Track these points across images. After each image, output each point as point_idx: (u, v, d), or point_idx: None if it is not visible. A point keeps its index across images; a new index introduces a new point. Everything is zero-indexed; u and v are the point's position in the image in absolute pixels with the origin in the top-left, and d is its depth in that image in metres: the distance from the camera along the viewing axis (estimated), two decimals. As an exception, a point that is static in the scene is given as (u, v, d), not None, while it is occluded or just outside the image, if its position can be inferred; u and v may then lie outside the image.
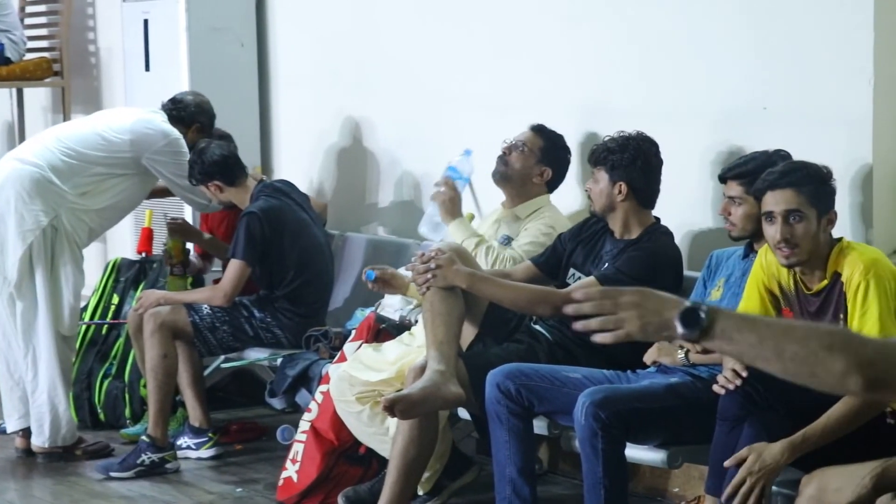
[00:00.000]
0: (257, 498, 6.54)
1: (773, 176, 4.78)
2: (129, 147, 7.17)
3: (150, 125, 7.24)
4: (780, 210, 4.72)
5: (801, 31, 5.85)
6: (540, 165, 6.41)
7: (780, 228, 4.70)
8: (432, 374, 5.49)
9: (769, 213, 4.75)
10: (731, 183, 5.38)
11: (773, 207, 4.74)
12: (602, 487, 5.06)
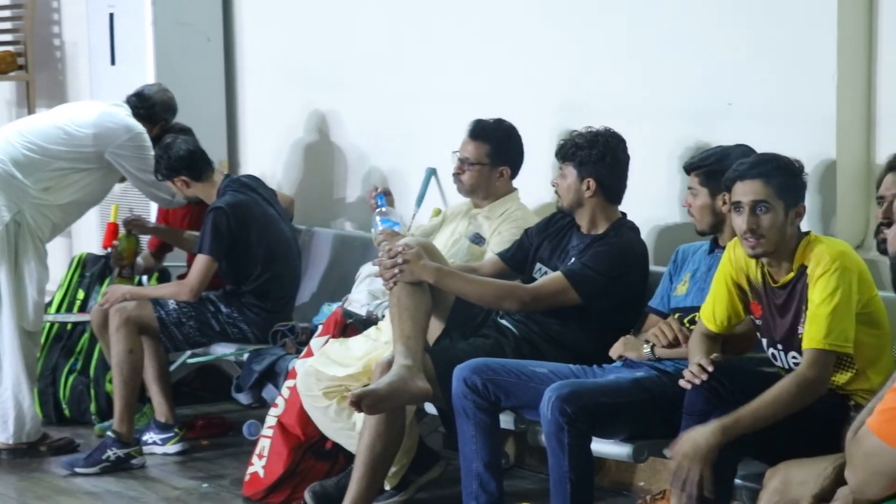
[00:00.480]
0: (224, 493, 6.54)
1: (743, 166, 4.80)
2: (92, 141, 7.15)
3: (113, 119, 7.23)
4: (748, 200, 4.74)
5: (766, 29, 5.88)
6: (495, 169, 6.43)
7: (746, 218, 4.72)
8: (399, 370, 5.50)
9: (737, 202, 4.76)
10: (692, 175, 5.43)
11: (742, 197, 4.75)
12: (568, 481, 5.07)
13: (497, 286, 5.75)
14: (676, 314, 5.43)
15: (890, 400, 3.14)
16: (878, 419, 3.14)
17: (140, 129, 7.23)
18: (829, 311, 4.61)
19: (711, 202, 5.32)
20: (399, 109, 7.58)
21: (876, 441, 3.14)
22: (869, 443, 3.17)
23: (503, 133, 6.43)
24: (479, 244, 6.34)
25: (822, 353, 4.62)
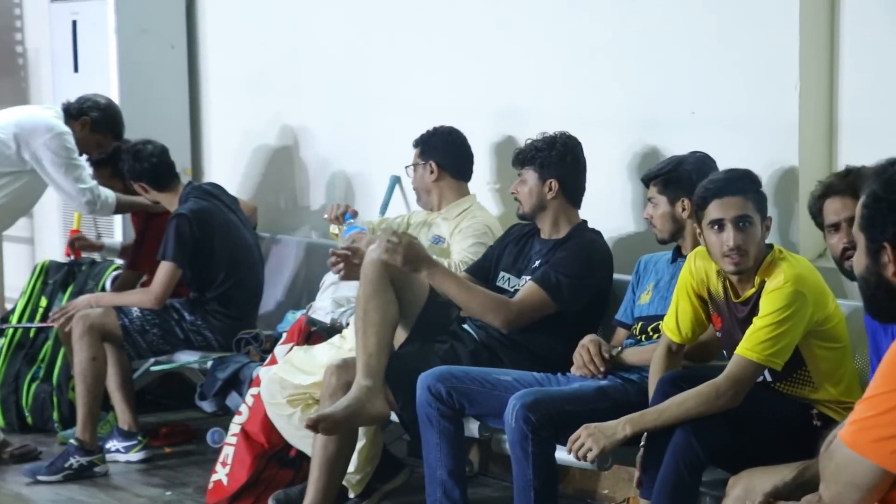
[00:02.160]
0: (187, 501, 6.54)
1: (717, 184, 4.80)
2: (13, 141, 7.10)
3: (35, 118, 7.17)
4: (731, 216, 4.73)
5: (729, 38, 5.91)
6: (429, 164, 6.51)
7: (732, 235, 4.71)
8: (358, 391, 5.51)
9: (718, 220, 4.75)
10: (651, 185, 5.46)
11: (723, 214, 4.74)
12: (532, 489, 5.09)
13: (485, 297, 5.75)
14: (640, 323, 5.46)
15: (860, 411, 3.15)
16: (849, 430, 3.15)
17: (62, 129, 7.13)
18: (770, 327, 4.65)
19: (671, 210, 5.36)
20: (362, 118, 7.60)
21: (848, 452, 3.14)
22: (841, 455, 3.17)
23: (439, 138, 6.52)
24: (439, 244, 6.34)
25: (749, 363, 4.66)
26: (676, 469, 4.67)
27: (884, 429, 3.09)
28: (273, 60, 8.14)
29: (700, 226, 4.83)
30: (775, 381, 4.81)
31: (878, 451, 3.11)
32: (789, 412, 4.75)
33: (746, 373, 4.70)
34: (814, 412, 4.76)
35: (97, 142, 7.41)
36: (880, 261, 3.21)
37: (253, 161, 8.28)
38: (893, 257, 3.19)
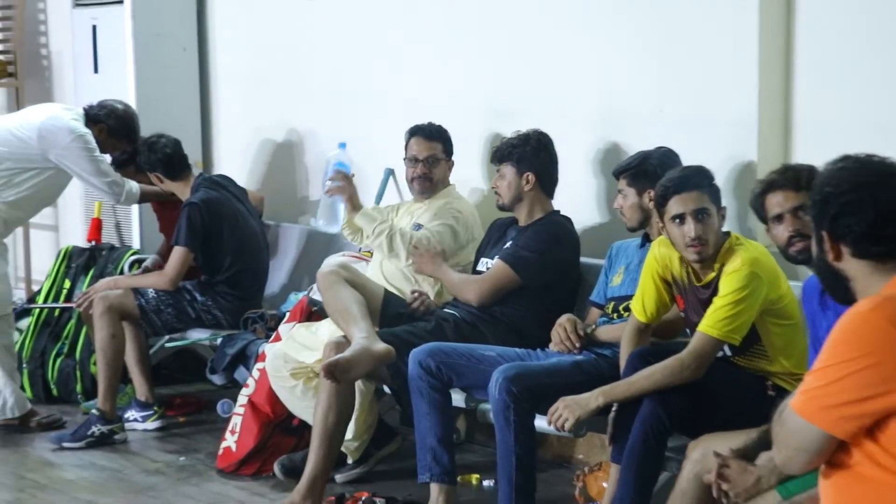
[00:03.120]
0: (199, 466, 6.55)
1: (675, 181, 4.83)
2: (37, 143, 7.09)
3: (57, 122, 7.14)
4: (691, 210, 4.76)
5: (693, 41, 5.91)
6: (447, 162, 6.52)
7: (693, 227, 4.75)
8: (359, 341, 5.57)
9: (679, 214, 4.77)
10: (620, 178, 5.49)
11: (683, 209, 4.77)
12: (514, 455, 5.13)
13: (459, 278, 5.93)
14: (612, 303, 5.49)
15: (809, 382, 3.18)
16: (799, 399, 3.18)
17: (83, 131, 7.13)
18: (729, 306, 4.69)
19: (639, 200, 5.39)
20: (360, 115, 7.59)
21: (798, 420, 3.17)
22: (792, 422, 3.20)
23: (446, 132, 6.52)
24: (418, 230, 6.35)
25: (710, 339, 4.71)
26: (644, 436, 4.71)
27: (830, 398, 3.12)
28: (278, 62, 8.14)
29: (662, 220, 4.86)
30: (734, 356, 4.84)
31: (826, 418, 3.14)
32: (746, 384, 4.79)
33: (708, 348, 4.74)
34: (768, 383, 4.79)
35: (113, 145, 7.40)
36: (823, 248, 3.26)
37: (259, 155, 8.27)
38: (831, 245, 3.24)
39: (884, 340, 3.06)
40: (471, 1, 6.92)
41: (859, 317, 3.12)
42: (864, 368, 3.07)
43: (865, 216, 3.17)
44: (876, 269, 3.20)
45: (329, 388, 5.63)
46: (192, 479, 6.37)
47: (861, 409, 3.09)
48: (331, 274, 5.94)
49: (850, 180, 3.20)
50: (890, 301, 3.11)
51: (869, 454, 3.12)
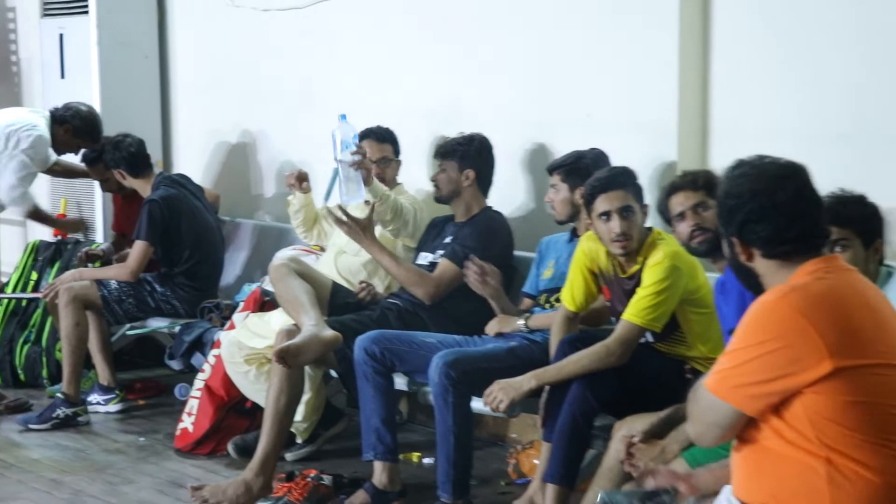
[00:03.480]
0: (158, 446, 6.52)
1: (601, 181, 4.85)
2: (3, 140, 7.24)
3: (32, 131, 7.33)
4: (616, 208, 4.79)
5: (618, 52, 5.94)
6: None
7: (618, 223, 4.77)
8: (308, 328, 5.56)
9: (605, 212, 4.80)
10: (554, 174, 5.49)
11: (609, 206, 4.80)
12: (452, 434, 5.14)
13: (410, 272, 5.85)
14: (544, 294, 5.51)
15: (722, 363, 3.22)
16: (713, 379, 3.22)
17: (45, 140, 7.35)
18: (651, 296, 4.73)
19: (570, 196, 5.40)
20: (309, 118, 7.57)
21: (711, 398, 3.21)
22: (705, 399, 3.24)
23: (395, 135, 6.50)
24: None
25: (634, 326, 4.75)
26: (573, 416, 4.74)
27: (741, 378, 3.16)
28: (233, 69, 8.11)
29: (590, 216, 4.89)
30: (655, 342, 4.87)
31: (736, 396, 3.18)
32: (667, 368, 4.82)
33: (632, 335, 4.77)
34: (687, 367, 4.82)
35: (78, 144, 7.49)
36: (735, 251, 3.31)
37: (215, 155, 8.24)
38: (741, 248, 3.30)
39: (790, 326, 3.10)
40: (413, 14, 6.93)
41: (768, 305, 3.17)
42: (771, 351, 3.11)
43: (770, 222, 3.22)
44: (783, 265, 3.26)
45: (280, 372, 5.62)
46: (152, 458, 6.34)
47: (768, 389, 3.13)
48: (282, 266, 5.93)
49: (751, 189, 3.25)
50: (795, 291, 3.16)
51: (775, 429, 3.17)
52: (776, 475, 3.18)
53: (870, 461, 3.11)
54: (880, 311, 3.23)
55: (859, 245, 4.06)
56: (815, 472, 3.12)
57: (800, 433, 3.13)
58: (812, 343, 3.08)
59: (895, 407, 3.13)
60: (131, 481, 5.97)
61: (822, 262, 3.24)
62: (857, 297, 3.20)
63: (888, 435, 3.12)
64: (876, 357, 3.12)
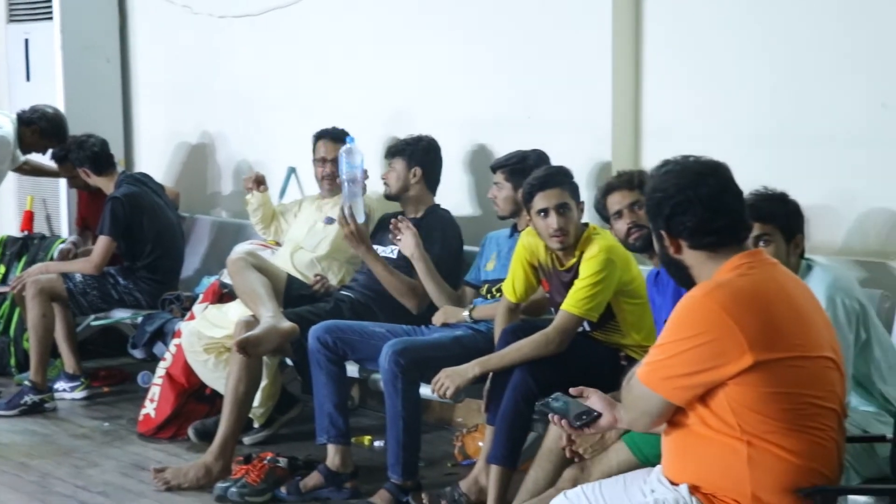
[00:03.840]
0: (121, 431, 6.49)
1: (539, 180, 4.85)
2: None
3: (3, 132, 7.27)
4: (553, 205, 4.79)
5: (557, 58, 5.96)
6: None
7: (556, 220, 4.78)
8: (267, 319, 5.55)
9: (543, 209, 4.80)
10: (498, 172, 5.50)
11: (547, 204, 4.80)
12: (401, 419, 5.14)
13: (401, 282, 5.72)
14: (486, 285, 5.53)
15: (653, 355, 3.24)
16: (644, 370, 3.24)
17: (10, 141, 7.28)
18: (588, 287, 4.74)
19: (513, 194, 5.40)
20: (264, 120, 7.57)
21: (643, 388, 3.24)
22: (638, 389, 3.26)
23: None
24: (330, 224, 6.33)
25: (572, 316, 4.76)
26: (515, 401, 4.76)
27: (670, 370, 3.19)
28: (192, 72, 8.08)
29: (529, 214, 4.90)
30: (592, 331, 4.90)
31: (666, 387, 3.20)
32: (603, 355, 4.85)
33: (570, 324, 4.78)
34: (622, 354, 4.86)
35: (45, 144, 7.44)
36: (664, 244, 3.33)
37: (175, 155, 8.21)
38: (670, 242, 3.31)
39: (715, 322, 3.13)
40: (365, 22, 6.92)
41: (695, 301, 3.19)
42: (698, 346, 3.14)
43: (695, 213, 3.24)
44: (710, 257, 3.28)
45: (239, 361, 5.60)
46: (116, 442, 6.31)
47: (695, 381, 3.16)
48: (239, 260, 5.91)
49: (676, 183, 3.27)
50: (720, 288, 3.18)
51: (701, 417, 3.20)
52: (701, 457, 3.22)
53: (788, 445, 3.15)
54: (800, 304, 3.26)
55: (781, 240, 4.10)
56: (736, 454, 3.17)
57: (723, 420, 3.16)
58: (735, 338, 3.11)
59: (812, 396, 3.17)
60: (96, 464, 5.94)
61: (747, 256, 3.27)
62: (779, 291, 3.23)
63: (805, 422, 3.16)
64: (794, 350, 3.15)
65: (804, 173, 5.09)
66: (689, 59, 5.59)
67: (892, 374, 4.12)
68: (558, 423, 3.50)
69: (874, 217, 4.99)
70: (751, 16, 5.35)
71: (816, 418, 3.18)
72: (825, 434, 3.20)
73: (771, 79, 5.29)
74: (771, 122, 5.31)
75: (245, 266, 5.86)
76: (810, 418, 3.17)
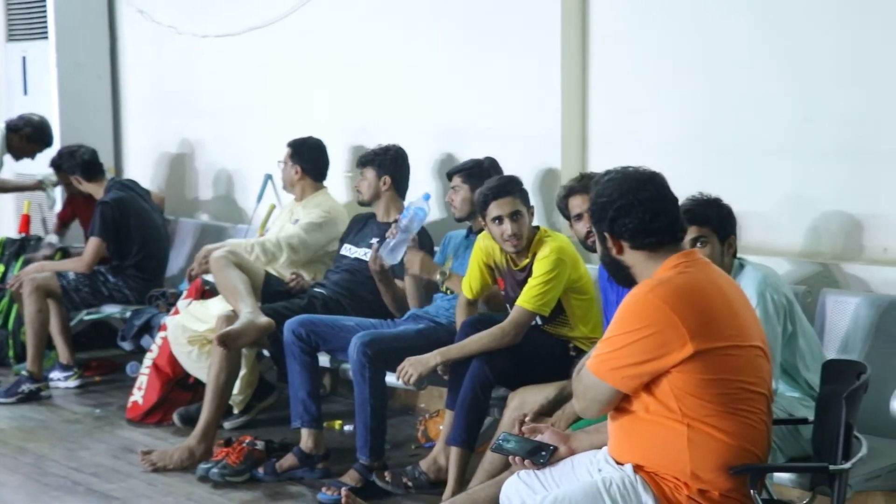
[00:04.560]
0: (112, 416, 6.42)
1: (492, 190, 4.80)
2: None
3: None
4: (507, 212, 4.75)
5: (509, 74, 5.94)
6: (295, 167, 6.35)
7: (509, 226, 4.74)
8: (245, 315, 5.50)
9: (498, 217, 4.75)
10: (454, 177, 5.45)
11: (501, 212, 4.75)
12: (369, 405, 5.10)
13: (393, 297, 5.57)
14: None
15: (601, 347, 3.24)
16: (593, 361, 3.23)
17: None
18: (540, 285, 4.71)
19: (471, 195, 5.34)
20: (242, 130, 7.54)
21: (592, 377, 3.22)
22: (588, 379, 3.25)
23: (302, 144, 6.35)
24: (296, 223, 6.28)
25: (526, 311, 4.74)
26: (473, 388, 4.73)
27: (617, 360, 3.17)
28: (177, 87, 8.03)
29: (484, 220, 4.85)
30: (544, 325, 4.86)
31: (613, 376, 3.19)
32: (553, 346, 4.82)
33: (524, 318, 4.75)
34: (571, 346, 4.83)
35: (32, 149, 7.46)
36: (607, 245, 3.31)
37: (161, 163, 8.16)
38: (613, 243, 3.30)
39: (658, 315, 3.12)
40: (332, 40, 6.87)
41: (639, 297, 3.18)
42: (643, 337, 3.13)
43: (636, 215, 3.24)
44: (650, 257, 3.27)
45: (220, 352, 5.55)
46: (106, 427, 6.24)
47: (641, 370, 3.15)
48: (221, 258, 5.83)
49: (618, 189, 3.27)
50: (661, 285, 3.19)
51: (645, 403, 3.20)
52: (645, 439, 3.22)
53: (724, 427, 3.16)
54: (732, 299, 3.27)
55: (716, 241, 4.08)
56: (677, 436, 3.17)
57: (665, 405, 3.16)
58: (677, 330, 3.11)
59: (745, 382, 3.19)
60: (88, 447, 5.88)
61: (684, 256, 3.27)
62: (714, 287, 3.24)
63: (738, 405, 3.18)
64: (729, 339, 3.17)
65: (736, 180, 5.09)
66: (632, 75, 5.59)
67: (814, 363, 4.12)
68: (521, 464, 3.46)
69: (798, 220, 5.00)
70: (689, 36, 5.36)
71: (749, 402, 3.19)
72: (756, 417, 3.21)
73: (707, 94, 5.30)
74: (706, 133, 5.32)
75: (226, 264, 5.80)
76: (743, 402, 3.18)
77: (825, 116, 4.91)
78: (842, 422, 3.26)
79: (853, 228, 4.85)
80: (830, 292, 4.61)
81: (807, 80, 4.96)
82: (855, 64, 4.82)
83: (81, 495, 5.21)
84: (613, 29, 5.65)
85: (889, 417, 3.93)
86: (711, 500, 3.17)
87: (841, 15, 4.87)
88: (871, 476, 3.94)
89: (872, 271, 4.68)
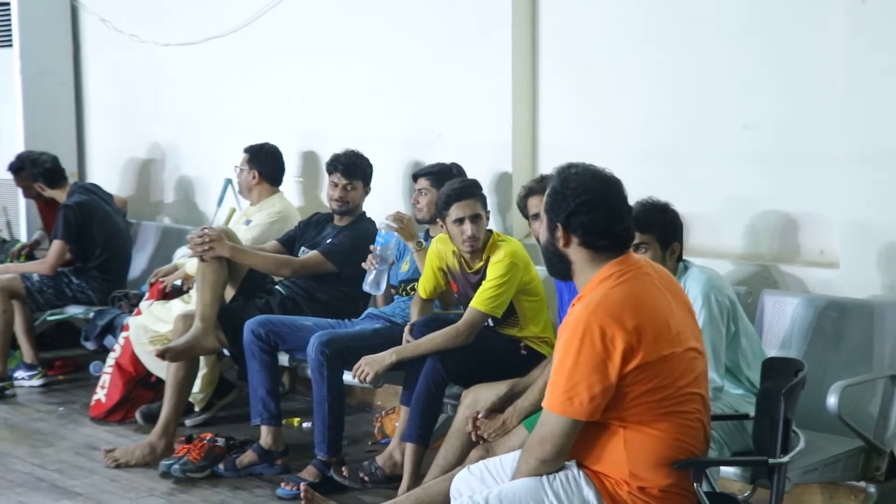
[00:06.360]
0: (75, 414, 6.36)
1: (455, 191, 4.80)
2: None
3: None
4: (468, 214, 4.75)
5: (464, 85, 5.95)
6: (253, 172, 6.31)
7: (469, 228, 4.74)
8: (195, 330, 5.43)
9: (459, 218, 4.75)
10: (421, 179, 5.42)
11: (462, 213, 4.75)
12: (326, 402, 5.07)
13: (276, 259, 5.67)
14: (402, 284, 5.47)
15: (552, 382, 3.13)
16: (548, 399, 3.11)
17: None
18: (494, 287, 4.72)
19: (435, 199, 5.30)
20: (203, 135, 7.50)
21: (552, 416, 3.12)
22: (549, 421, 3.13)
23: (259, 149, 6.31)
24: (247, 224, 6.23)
25: (479, 312, 4.74)
26: (427, 385, 4.73)
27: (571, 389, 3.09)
28: (139, 94, 7.99)
29: (444, 221, 4.84)
30: (496, 325, 4.87)
31: (572, 406, 3.10)
32: (505, 346, 4.83)
33: (477, 319, 4.75)
34: (522, 345, 4.84)
35: None
36: (555, 235, 3.23)
37: (123, 167, 8.12)
38: (563, 235, 3.22)
39: (602, 335, 3.04)
40: (293, 47, 6.85)
41: (579, 321, 3.09)
42: (589, 358, 3.05)
43: (597, 215, 3.16)
44: (594, 258, 3.19)
45: (178, 350, 5.50)
46: (70, 424, 6.18)
47: (594, 391, 3.06)
48: (221, 258, 5.53)
49: (584, 185, 3.17)
50: (600, 306, 3.09)
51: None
52: (586, 438, 3.17)
53: (661, 427, 3.13)
54: (667, 302, 3.19)
55: (657, 248, 4.07)
56: (614, 434, 3.15)
57: (606, 411, 3.11)
58: (620, 346, 3.05)
59: (683, 385, 3.15)
60: (52, 444, 5.82)
61: (618, 264, 3.18)
62: (649, 296, 3.15)
63: (676, 408, 3.14)
64: (668, 348, 3.11)
65: (680, 185, 5.11)
66: (580, 84, 5.62)
67: (756, 361, 4.14)
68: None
69: (739, 223, 5.03)
70: (636, 47, 5.40)
71: (686, 403, 3.16)
72: (692, 416, 3.18)
73: (652, 103, 5.34)
74: (651, 140, 5.35)
75: (220, 265, 5.55)
76: (681, 404, 3.15)
77: (764, 123, 4.94)
78: (781, 417, 3.26)
79: (791, 231, 4.89)
80: (770, 293, 4.64)
81: (746, 89, 5.00)
82: (792, 73, 4.86)
83: (45, 491, 5.15)
84: (562, 42, 5.68)
85: (826, 413, 3.96)
86: (651, 496, 3.15)
87: (777, 27, 4.91)
88: (808, 469, 3.97)
89: (810, 273, 4.72)
